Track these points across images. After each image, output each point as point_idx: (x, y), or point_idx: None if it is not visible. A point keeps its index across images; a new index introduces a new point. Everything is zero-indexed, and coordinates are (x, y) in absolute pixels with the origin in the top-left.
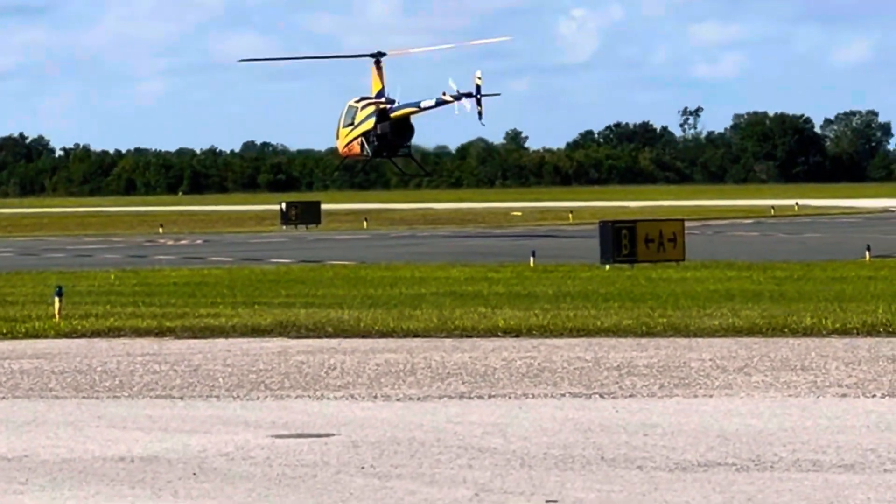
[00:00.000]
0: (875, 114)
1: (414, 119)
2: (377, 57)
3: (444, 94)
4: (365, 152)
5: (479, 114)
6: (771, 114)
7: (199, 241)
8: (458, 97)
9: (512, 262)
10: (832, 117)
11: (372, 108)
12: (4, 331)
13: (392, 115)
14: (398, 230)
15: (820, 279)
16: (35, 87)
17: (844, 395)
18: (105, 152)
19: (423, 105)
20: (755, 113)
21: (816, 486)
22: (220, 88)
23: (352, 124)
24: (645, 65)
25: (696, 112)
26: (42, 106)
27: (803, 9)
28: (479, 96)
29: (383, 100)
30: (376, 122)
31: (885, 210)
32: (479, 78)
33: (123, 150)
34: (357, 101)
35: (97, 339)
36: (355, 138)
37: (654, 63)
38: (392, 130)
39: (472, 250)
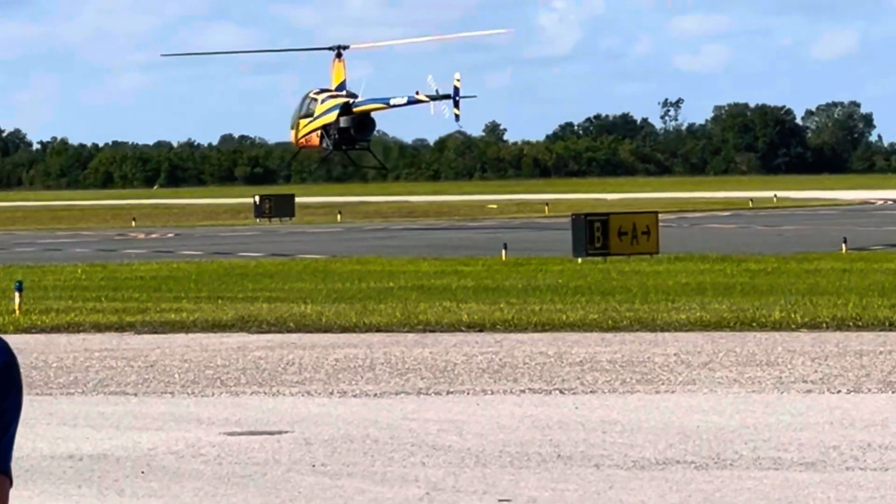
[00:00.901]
0: (857, 105)
1: (391, 111)
2: (339, 50)
3: (417, 92)
4: (324, 144)
5: (457, 116)
6: (752, 105)
7: (170, 235)
8: (434, 97)
9: (483, 256)
10: (813, 109)
11: (334, 101)
12: None
13: (355, 109)
14: (372, 223)
15: (794, 272)
16: (12, 80)
17: (809, 391)
18: (82, 146)
19: (392, 102)
20: (736, 104)
21: (776, 484)
22: (198, 81)
23: (310, 115)
24: (626, 56)
25: (677, 104)
26: (19, 99)
27: (784, 0)
28: (457, 98)
29: (344, 93)
30: (339, 115)
31: (864, 202)
32: (458, 80)
33: (101, 144)
34: (317, 93)
35: (56, 335)
36: (314, 130)
37: (635, 55)
38: (354, 125)
39: (445, 243)
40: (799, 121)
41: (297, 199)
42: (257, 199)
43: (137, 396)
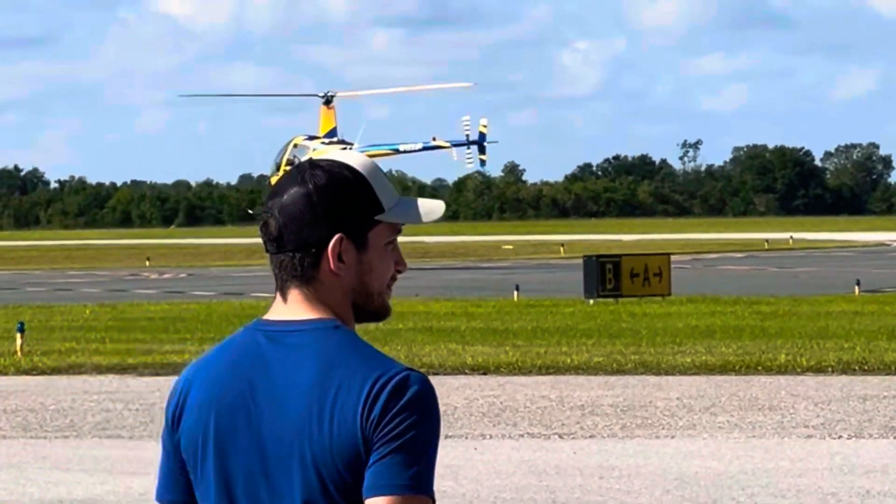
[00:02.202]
0: (876, 146)
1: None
2: (327, 97)
3: (434, 138)
4: None
5: (482, 162)
6: (771, 146)
7: (183, 275)
8: (456, 144)
9: (495, 297)
10: (832, 150)
11: (329, 148)
12: None
13: None
14: None
15: (805, 314)
16: (31, 119)
17: (810, 437)
18: (101, 184)
19: (402, 148)
20: (755, 146)
21: None
22: (217, 121)
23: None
24: (646, 97)
25: (696, 145)
26: (38, 138)
27: (804, 42)
28: (483, 144)
29: (336, 139)
30: None
31: (880, 244)
32: (485, 126)
33: (119, 183)
34: (306, 140)
35: (57, 377)
36: None
37: (654, 95)
38: None
39: (458, 284)
40: (818, 162)
41: None
42: None
43: (133, 440)
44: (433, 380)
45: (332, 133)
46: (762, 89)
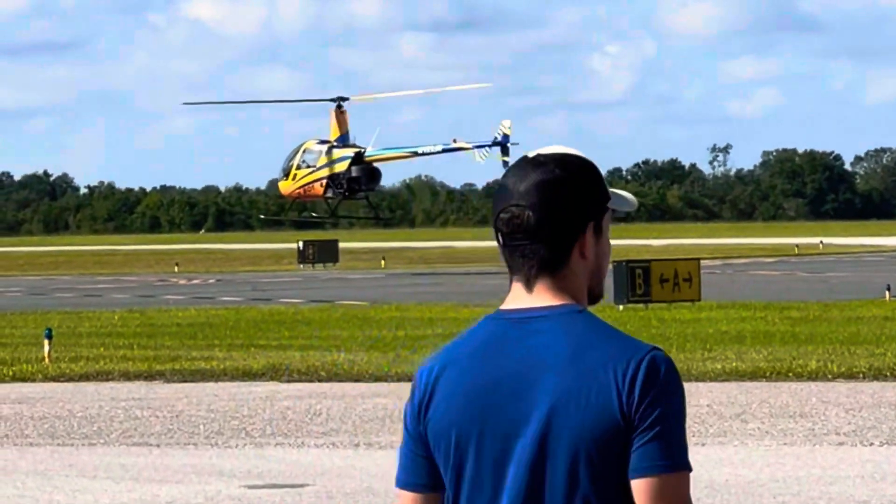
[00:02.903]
0: None
1: (444, 156)
2: (339, 102)
3: (454, 140)
4: (329, 194)
5: (505, 163)
6: (800, 151)
7: (211, 281)
8: (479, 145)
9: None
10: (862, 154)
11: (343, 152)
12: None
13: (376, 157)
14: (416, 269)
15: (836, 320)
16: (61, 124)
17: (841, 444)
18: (130, 190)
19: (421, 151)
20: (784, 150)
21: None
22: (246, 125)
23: (311, 166)
24: (675, 101)
25: (725, 149)
26: (67, 143)
27: (834, 46)
28: (507, 145)
29: (348, 143)
30: (350, 165)
31: None
32: (509, 127)
33: (148, 188)
34: (318, 144)
35: (85, 383)
36: (317, 180)
37: (684, 100)
38: (364, 175)
39: (488, 290)
40: (847, 166)
41: (342, 245)
42: (301, 244)
43: (160, 447)
44: None
45: (344, 137)
46: (792, 93)
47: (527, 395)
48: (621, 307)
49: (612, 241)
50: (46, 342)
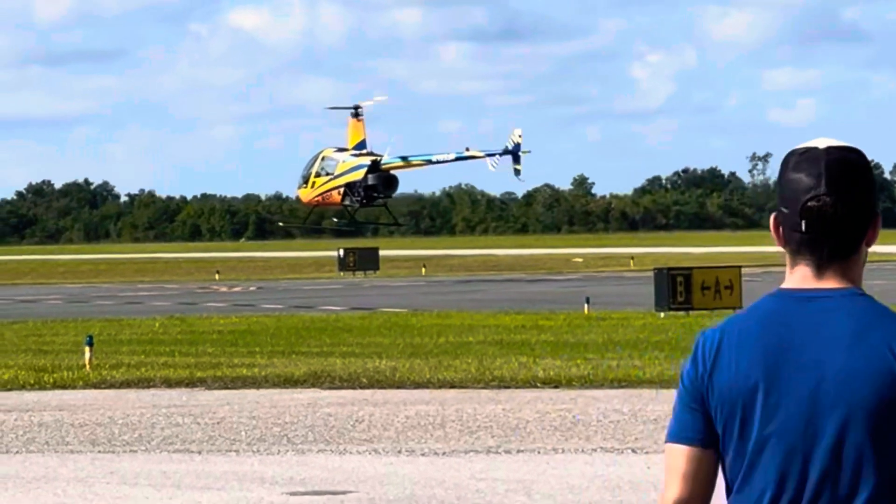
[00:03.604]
0: None
1: (479, 164)
2: (356, 110)
3: (467, 149)
4: (347, 202)
5: (517, 171)
6: None
7: (252, 288)
8: (491, 154)
9: (566, 310)
10: None
11: (360, 160)
12: (32, 381)
13: (392, 165)
14: (457, 277)
15: None
16: (102, 132)
17: None
18: (170, 198)
19: (436, 159)
20: None
21: None
22: (287, 134)
23: (329, 174)
24: (715, 110)
25: (765, 158)
26: (109, 152)
27: (874, 56)
28: (518, 154)
29: (365, 152)
30: (367, 174)
31: None
32: (519, 136)
33: (189, 196)
34: (336, 152)
35: (126, 390)
36: (335, 188)
37: (724, 109)
38: (381, 182)
39: (528, 297)
40: (887, 175)
41: (382, 252)
42: (341, 252)
43: (202, 454)
44: (503, 393)
45: (361, 145)
46: (832, 102)
47: (809, 367)
48: (662, 314)
49: (653, 249)
50: (87, 349)
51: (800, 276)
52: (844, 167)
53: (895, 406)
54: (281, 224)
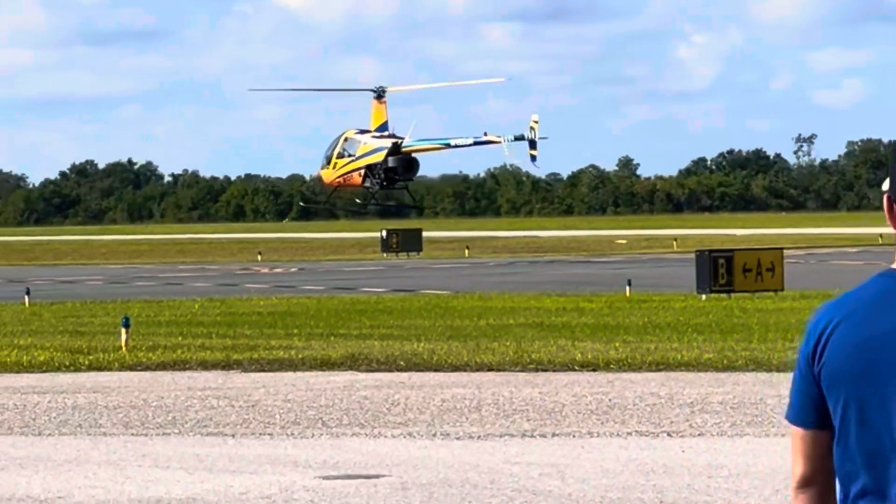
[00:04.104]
0: None
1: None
2: (379, 91)
3: (485, 133)
4: (367, 183)
5: (533, 157)
6: (885, 141)
7: (294, 270)
8: (507, 139)
9: (607, 292)
10: None
11: (380, 142)
12: (67, 363)
13: (412, 149)
14: (500, 258)
15: None
16: (146, 112)
17: None
18: (214, 178)
19: (454, 143)
20: (869, 140)
21: None
22: (331, 115)
23: (351, 156)
24: (761, 91)
25: (810, 139)
26: (152, 131)
27: None
28: (534, 140)
29: (387, 133)
30: (387, 156)
31: None
32: (536, 122)
33: (233, 177)
34: (357, 133)
35: (162, 373)
36: (356, 169)
37: (769, 90)
38: (401, 165)
39: (570, 279)
40: None
41: (426, 234)
42: (384, 233)
43: (235, 438)
44: (540, 377)
45: (383, 127)
46: (878, 84)
47: None
48: (704, 297)
49: (696, 231)
50: (124, 331)
51: None
52: None
53: None
54: (302, 204)
